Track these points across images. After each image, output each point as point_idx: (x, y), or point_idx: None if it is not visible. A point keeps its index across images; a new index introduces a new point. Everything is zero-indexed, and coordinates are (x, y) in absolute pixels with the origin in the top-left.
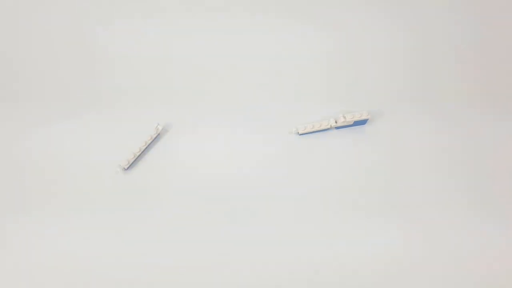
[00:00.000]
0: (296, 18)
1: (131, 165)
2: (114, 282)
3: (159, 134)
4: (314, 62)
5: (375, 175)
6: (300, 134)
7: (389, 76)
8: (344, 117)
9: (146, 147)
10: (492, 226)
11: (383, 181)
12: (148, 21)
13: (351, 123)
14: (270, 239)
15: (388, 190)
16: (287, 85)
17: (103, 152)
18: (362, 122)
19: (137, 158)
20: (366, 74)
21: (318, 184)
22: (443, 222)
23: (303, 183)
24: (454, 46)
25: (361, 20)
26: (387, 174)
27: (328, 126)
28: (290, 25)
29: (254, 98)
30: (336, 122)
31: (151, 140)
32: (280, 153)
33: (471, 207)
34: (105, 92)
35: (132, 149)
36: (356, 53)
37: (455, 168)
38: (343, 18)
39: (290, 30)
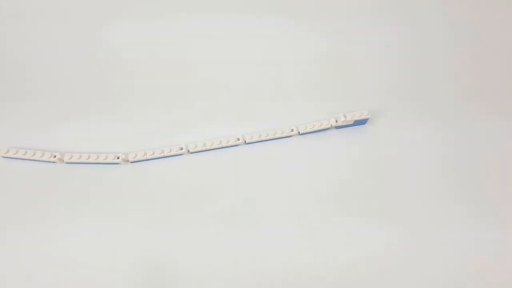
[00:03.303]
0: (296, 18)
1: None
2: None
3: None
4: (314, 61)
5: (376, 174)
6: (300, 134)
7: (390, 75)
8: (345, 117)
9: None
10: (491, 227)
11: (384, 181)
12: (150, 24)
13: (352, 122)
14: (268, 239)
15: (388, 190)
16: (287, 85)
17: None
18: (363, 122)
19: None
20: (366, 74)
21: (318, 183)
22: (442, 221)
23: (303, 183)
24: (454, 46)
25: (360, 20)
26: (388, 173)
27: (328, 126)
28: (290, 25)
29: (254, 98)
30: (336, 122)
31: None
32: (280, 153)
33: (471, 208)
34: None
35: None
36: (356, 53)
37: (455, 168)
38: (343, 18)
39: (290, 30)
